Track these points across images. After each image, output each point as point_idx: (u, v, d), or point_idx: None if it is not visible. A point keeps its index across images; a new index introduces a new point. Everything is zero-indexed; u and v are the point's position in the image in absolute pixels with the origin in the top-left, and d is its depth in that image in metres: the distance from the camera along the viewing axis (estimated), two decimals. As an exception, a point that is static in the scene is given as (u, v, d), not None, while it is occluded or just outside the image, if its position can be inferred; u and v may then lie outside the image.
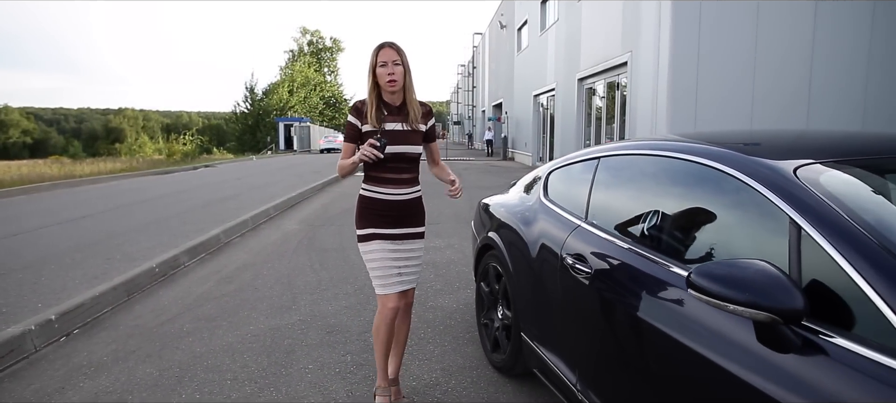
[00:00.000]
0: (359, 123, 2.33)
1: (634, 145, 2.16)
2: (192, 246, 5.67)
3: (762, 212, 1.45)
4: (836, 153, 1.63)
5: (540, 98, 18.43)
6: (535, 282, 2.41)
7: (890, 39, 8.34)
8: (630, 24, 9.84)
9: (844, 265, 1.18)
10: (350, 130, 2.36)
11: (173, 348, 3.33)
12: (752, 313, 1.17)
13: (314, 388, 2.80)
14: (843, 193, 1.35)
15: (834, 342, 1.14)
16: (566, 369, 2.13)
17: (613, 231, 1.97)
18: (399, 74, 2.25)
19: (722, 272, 1.23)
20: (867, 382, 1.04)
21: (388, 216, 2.38)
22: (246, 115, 50.59)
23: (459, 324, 3.66)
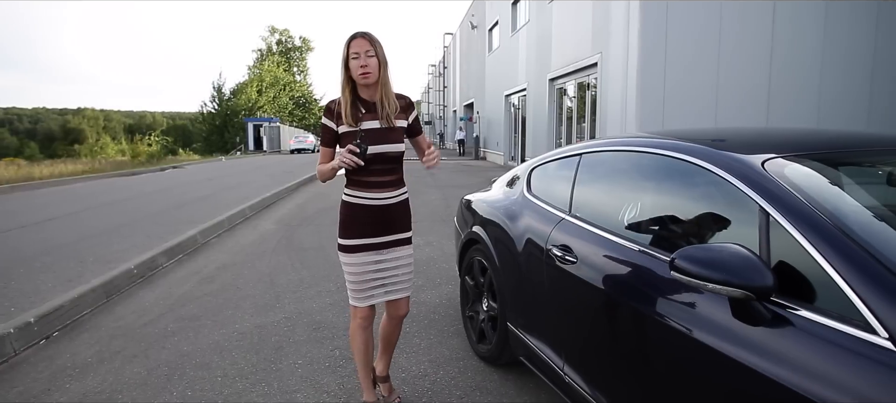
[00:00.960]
0: (334, 125, 2.19)
1: (615, 142, 2.30)
2: (170, 247, 5.62)
3: (734, 201, 1.59)
4: (797, 148, 1.80)
5: (511, 98, 18.66)
6: (521, 273, 2.52)
7: (843, 39, 8.78)
8: (600, 25, 10.10)
9: (808, 247, 1.32)
10: (326, 133, 2.22)
11: (159, 347, 3.33)
12: (728, 290, 1.30)
13: (306, 382, 2.86)
14: (804, 183, 1.50)
15: (799, 314, 1.28)
16: (553, 354, 2.25)
17: (597, 223, 2.10)
18: (373, 65, 2.11)
19: (702, 255, 1.37)
20: (827, 347, 1.19)
21: (375, 223, 2.25)
22: (213, 115, 49.55)
23: (443, 318, 3.76)
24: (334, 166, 2.18)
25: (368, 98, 2.20)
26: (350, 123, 2.15)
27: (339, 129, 2.19)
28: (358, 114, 2.17)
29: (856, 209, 1.45)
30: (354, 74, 2.13)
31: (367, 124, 2.17)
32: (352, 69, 2.13)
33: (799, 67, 8.76)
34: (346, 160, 2.08)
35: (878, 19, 8.80)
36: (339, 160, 2.13)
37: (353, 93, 2.17)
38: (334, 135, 2.21)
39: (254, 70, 55.39)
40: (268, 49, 60.04)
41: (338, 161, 2.14)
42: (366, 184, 2.22)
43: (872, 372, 1.09)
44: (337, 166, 2.16)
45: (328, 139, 2.23)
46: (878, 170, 1.81)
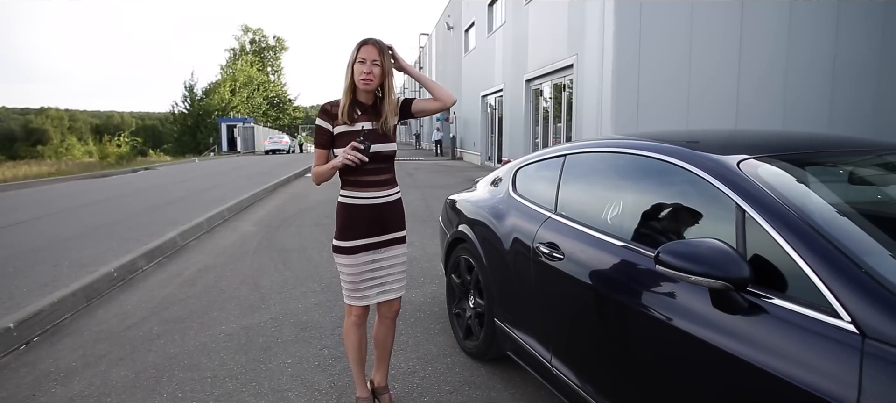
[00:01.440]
0: (330, 127, 2.23)
1: (599, 144, 2.40)
2: (149, 250, 5.55)
3: (712, 199, 1.70)
4: (768, 150, 1.92)
5: (488, 99, 18.82)
6: (509, 270, 2.61)
7: (806, 41, 9.12)
8: (576, 27, 10.29)
9: (780, 241, 1.43)
10: (321, 135, 2.25)
11: (145, 350, 3.32)
12: (709, 282, 1.41)
13: (296, 380, 2.90)
14: (776, 182, 1.62)
15: (773, 303, 1.39)
16: (540, 347, 2.34)
17: (583, 221, 2.20)
18: (376, 74, 2.18)
19: (684, 249, 1.47)
20: (798, 332, 1.30)
21: (372, 223, 2.30)
22: (185, 115, 48.64)
23: (429, 316, 3.83)
24: (336, 163, 2.20)
25: (365, 101, 2.27)
26: (347, 122, 2.21)
27: (334, 129, 2.24)
28: (354, 114, 2.23)
29: (822, 206, 1.57)
30: (356, 77, 2.19)
31: (360, 125, 2.23)
32: (355, 72, 2.19)
33: (765, 68, 9.09)
34: (350, 157, 2.13)
35: (839, 21, 9.17)
36: (342, 158, 2.16)
37: (353, 95, 2.24)
38: (330, 136, 2.25)
39: (227, 70, 54.53)
40: (241, 48, 59.15)
41: (341, 159, 2.17)
42: (362, 184, 2.27)
43: (837, 352, 1.20)
44: (339, 164, 2.19)
45: (324, 141, 2.27)
46: (841, 170, 1.95)
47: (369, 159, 2.18)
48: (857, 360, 1.16)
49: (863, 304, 1.21)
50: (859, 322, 1.20)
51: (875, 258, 1.36)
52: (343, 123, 2.21)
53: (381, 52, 2.19)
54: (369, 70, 2.17)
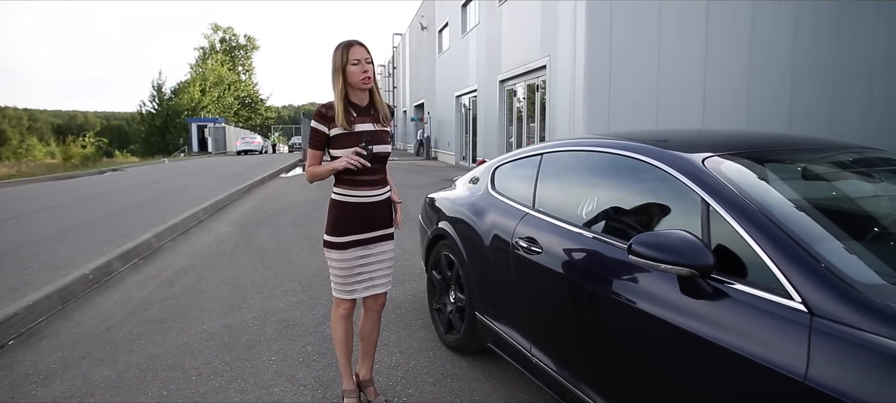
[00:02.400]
0: (326, 129, 2.28)
1: (574, 143, 2.53)
2: (125, 251, 5.49)
3: (679, 194, 1.83)
4: (731, 148, 2.06)
5: (462, 99, 18.96)
6: (489, 265, 2.71)
7: (766, 42, 9.50)
8: (548, 28, 10.49)
9: (740, 231, 1.57)
10: (317, 137, 2.31)
11: (127, 350, 3.32)
12: (678, 270, 1.53)
13: (282, 377, 2.95)
14: (737, 177, 1.76)
15: (734, 288, 1.52)
16: (520, 337, 2.45)
17: (559, 216, 2.32)
18: (372, 71, 2.26)
19: (654, 240, 1.59)
20: (756, 313, 1.43)
21: (362, 221, 2.37)
22: (153, 115, 47.48)
23: (410, 312, 3.91)
24: (338, 166, 2.26)
25: (359, 102, 2.33)
26: (345, 127, 2.26)
27: (331, 132, 2.29)
28: (351, 117, 2.29)
29: (778, 199, 1.72)
30: (355, 80, 2.24)
31: (359, 126, 2.31)
32: (352, 74, 2.23)
33: (729, 69, 9.43)
34: (354, 162, 2.22)
35: (797, 24, 9.57)
36: (345, 162, 2.23)
37: (346, 97, 2.29)
38: (325, 138, 2.31)
39: (196, 69, 53.44)
40: (211, 47, 58.08)
41: (344, 163, 2.24)
42: (357, 183, 2.34)
43: (789, 329, 1.33)
44: (341, 167, 2.25)
45: (319, 143, 2.33)
46: (797, 166, 2.11)
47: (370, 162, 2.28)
48: (806, 336, 1.29)
49: (812, 286, 1.35)
50: (808, 302, 1.34)
51: (825, 245, 1.50)
52: (341, 126, 2.27)
53: (368, 50, 2.27)
54: (366, 69, 2.25)
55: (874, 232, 1.72)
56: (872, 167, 2.16)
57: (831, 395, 1.18)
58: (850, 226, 1.71)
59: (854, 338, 1.22)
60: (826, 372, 1.22)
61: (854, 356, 1.21)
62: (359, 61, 2.23)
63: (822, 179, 2.08)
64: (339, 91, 2.26)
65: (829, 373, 1.22)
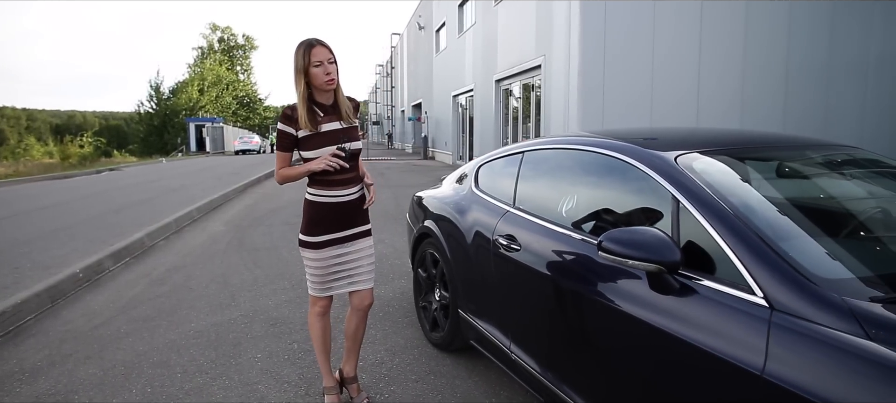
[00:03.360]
0: (293, 131, 2.26)
1: (553, 141, 2.54)
2: (116, 250, 5.50)
3: (653, 191, 1.84)
4: (706, 145, 2.08)
5: (459, 99, 18.97)
6: (471, 263, 2.73)
7: (761, 41, 9.50)
8: (543, 28, 10.50)
9: (707, 228, 1.58)
10: (284, 139, 2.29)
11: (114, 348, 3.33)
12: (645, 265, 1.55)
13: (266, 374, 2.96)
14: (707, 174, 1.77)
15: (702, 284, 1.54)
16: (500, 334, 2.47)
17: (538, 214, 2.33)
18: (335, 71, 2.23)
19: (623, 236, 1.61)
20: (720, 308, 1.44)
21: (338, 219, 2.37)
22: (151, 115, 47.48)
23: (397, 310, 3.92)
24: (314, 168, 2.25)
25: (324, 101, 2.31)
26: (310, 128, 2.25)
27: (298, 133, 2.27)
28: (317, 118, 2.28)
29: (748, 196, 1.73)
30: (319, 82, 2.22)
31: (326, 126, 2.29)
32: (315, 76, 2.21)
33: (723, 67, 9.43)
34: (333, 163, 2.22)
35: (790, 23, 9.59)
36: (323, 163, 2.23)
37: (309, 99, 2.26)
38: (293, 140, 2.30)
39: (195, 69, 53.45)
40: (209, 47, 58.08)
41: (322, 164, 2.23)
42: (330, 182, 2.34)
43: (750, 324, 1.35)
44: (317, 169, 2.24)
45: (287, 145, 2.31)
46: (771, 164, 2.12)
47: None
48: (766, 329, 1.30)
49: (773, 281, 1.37)
50: (769, 297, 1.35)
51: (790, 241, 1.52)
52: (307, 128, 2.26)
53: (330, 50, 2.25)
54: (329, 70, 2.23)
55: (843, 228, 1.73)
56: (846, 165, 2.18)
57: (787, 388, 1.20)
58: (819, 223, 1.72)
59: (810, 332, 1.24)
60: (782, 366, 1.24)
61: (809, 349, 1.22)
62: (321, 63, 2.20)
63: (795, 176, 2.09)
64: (301, 93, 2.24)
65: (785, 366, 1.23)
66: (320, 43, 2.24)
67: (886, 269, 1.51)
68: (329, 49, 2.25)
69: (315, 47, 2.22)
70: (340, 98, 2.34)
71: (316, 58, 2.20)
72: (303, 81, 2.23)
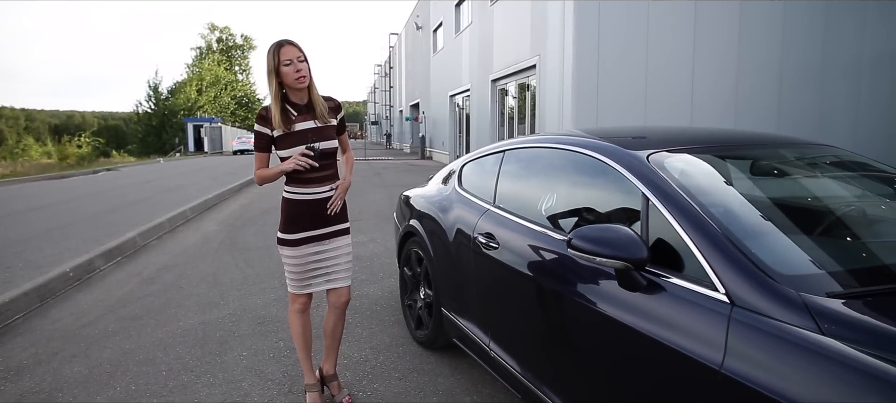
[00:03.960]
0: (269, 131, 2.29)
1: (533, 140, 2.56)
2: (108, 250, 5.51)
3: (625, 189, 1.86)
4: (686, 143, 2.09)
5: (456, 98, 18.99)
6: (453, 261, 2.74)
7: (755, 41, 9.52)
8: (538, 28, 10.52)
9: (675, 225, 1.59)
10: (261, 139, 2.31)
11: (100, 347, 3.35)
12: (612, 263, 1.56)
13: (251, 372, 2.97)
14: (679, 173, 1.79)
15: (669, 281, 1.55)
16: (480, 333, 2.48)
17: (516, 212, 2.35)
18: (306, 69, 2.25)
19: (591, 234, 1.62)
20: (685, 304, 1.46)
21: (315, 217, 2.39)
22: (150, 115, 47.47)
23: (385, 309, 3.94)
24: (285, 168, 2.28)
25: (299, 101, 2.34)
26: (283, 128, 2.27)
27: (274, 133, 2.30)
28: (290, 117, 2.31)
29: (716, 193, 1.75)
30: (289, 80, 2.25)
31: (301, 125, 2.32)
32: (285, 74, 2.24)
33: (717, 68, 9.45)
34: (302, 162, 2.24)
35: (784, 22, 9.60)
36: (293, 163, 2.25)
37: (282, 99, 2.29)
38: (269, 140, 2.32)
39: (193, 69, 53.43)
40: (208, 47, 58.06)
41: (292, 164, 2.25)
42: (306, 180, 2.36)
43: (711, 319, 1.36)
44: (289, 169, 2.27)
45: (263, 145, 2.34)
46: (745, 162, 2.14)
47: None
48: (725, 325, 1.32)
49: (734, 277, 1.38)
50: (730, 293, 1.37)
51: (755, 238, 1.54)
52: (280, 129, 2.28)
53: (300, 49, 2.27)
54: (299, 68, 2.25)
55: (810, 225, 1.75)
56: (819, 164, 2.19)
57: (743, 383, 1.21)
58: (786, 220, 1.74)
59: (766, 327, 1.25)
60: (740, 361, 1.25)
61: (765, 344, 1.24)
62: (291, 61, 2.23)
63: (767, 174, 2.11)
64: (273, 93, 2.26)
65: (742, 362, 1.25)
66: (289, 42, 2.28)
67: (849, 264, 1.53)
68: (299, 48, 2.29)
69: (284, 47, 2.25)
70: (315, 97, 2.36)
71: (285, 57, 2.23)
72: (275, 80, 2.26)
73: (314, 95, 2.36)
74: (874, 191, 2.09)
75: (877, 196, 2.05)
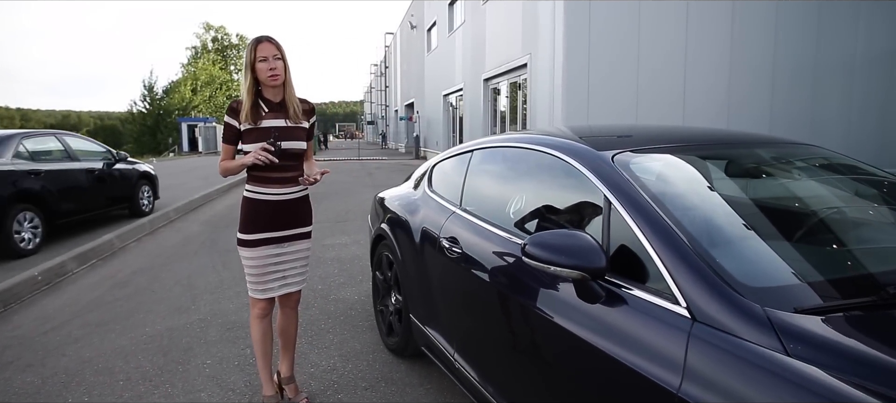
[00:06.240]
0: (237, 123, 2.24)
1: (500, 139, 2.44)
2: (82, 252, 5.37)
3: (589, 191, 1.73)
4: (666, 142, 1.97)
5: (449, 98, 18.86)
6: (420, 266, 2.62)
7: (747, 41, 9.42)
8: (529, 27, 10.40)
9: (636, 231, 1.47)
10: (228, 131, 2.26)
11: (59, 355, 3.21)
12: (567, 272, 1.44)
13: (211, 381, 2.85)
14: (644, 174, 1.67)
15: (631, 293, 1.43)
16: (445, 342, 2.36)
17: (481, 215, 2.22)
18: (280, 68, 2.22)
19: (546, 240, 1.50)
20: (645, 318, 1.33)
21: (275, 218, 2.32)
22: (144, 115, 47.18)
23: (360, 314, 3.81)
24: (245, 162, 2.22)
25: (272, 98, 2.29)
26: (251, 123, 2.22)
27: (242, 126, 2.25)
28: (260, 113, 2.25)
29: (683, 196, 1.63)
30: (263, 77, 2.22)
31: (269, 122, 2.25)
32: (259, 71, 2.21)
33: (709, 67, 9.35)
34: (261, 157, 2.16)
35: (777, 22, 9.51)
36: (253, 157, 2.18)
37: (256, 95, 2.25)
38: (237, 133, 2.27)
39: (188, 68, 53.13)
40: (203, 46, 57.72)
41: (252, 157, 2.18)
42: (268, 180, 2.29)
43: (670, 336, 1.24)
44: (248, 162, 2.20)
45: (231, 137, 2.28)
46: (719, 162, 2.01)
47: (278, 159, 2.22)
48: (685, 342, 1.20)
49: (696, 289, 1.26)
50: (691, 307, 1.25)
51: (721, 247, 1.42)
52: (249, 123, 2.23)
53: (278, 47, 2.25)
54: (274, 66, 2.21)
55: (783, 232, 1.63)
56: (797, 164, 2.07)
57: (701, 408, 1.09)
58: (758, 226, 1.61)
59: (728, 346, 1.13)
60: (698, 384, 1.13)
61: (726, 365, 1.11)
62: (266, 58, 2.20)
63: (741, 176, 1.99)
64: (246, 86, 2.24)
65: (700, 385, 1.12)
66: (268, 39, 2.25)
67: (824, 274, 1.40)
68: (277, 46, 2.26)
69: (262, 43, 2.22)
70: (290, 97, 2.31)
71: (261, 54, 2.21)
72: (250, 75, 2.23)
73: (289, 95, 2.30)
74: (856, 193, 1.97)
75: (859, 199, 1.93)
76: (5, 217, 5.26)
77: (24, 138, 6.08)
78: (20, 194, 5.52)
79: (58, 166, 6.27)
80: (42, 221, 5.75)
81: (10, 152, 5.69)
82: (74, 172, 6.48)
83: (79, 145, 7.04)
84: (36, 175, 5.81)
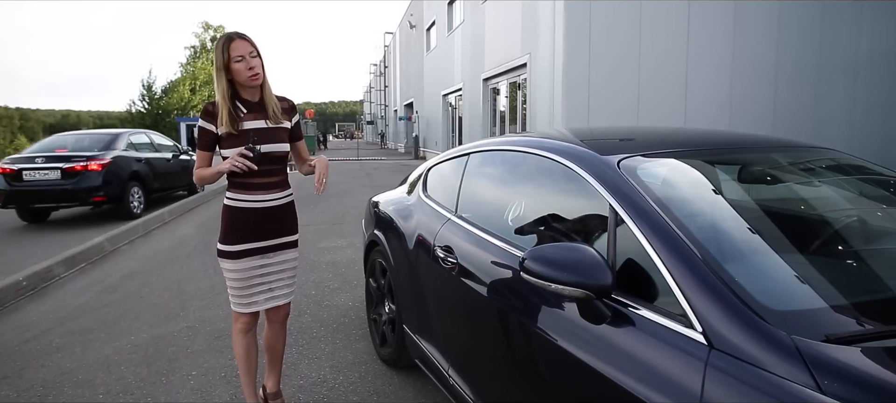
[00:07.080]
0: (214, 128, 2.09)
1: (498, 142, 2.31)
2: (71, 255, 5.24)
3: (593, 199, 1.60)
4: (667, 146, 1.84)
5: (448, 98, 18.73)
6: (413, 275, 2.49)
7: (750, 41, 9.28)
8: (529, 26, 10.27)
9: (645, 245, 1.34)
10: (204, 136, 2.11)
11: (38, 366, 3.08)
12: (569, 290, 1.31)
13: (196, 394, 2.72)
14: (654, 181, 1.54)
15: (639, 313, 1.30)
16: (440, 356, 2.23)
17: (478, 223, 2.09)
18: (258, 65, 2.07)
19: (547, 255, 1.37)
20: (657, 344, 1.20)
21: (258, 227, 2.17)
22: (143, 115, 46.96)
23: (354, 321, 3.68)
24: (222, 169, 2.07)
25: (250, 98, 2.15)
26: (229, 128, 2.07)
27: (219, 130, 2.10)
28: (238, 115, 2.10)
29: (697, 207, 1.50)
30: (242, 78, 2.07)
31: (249, 124, 2.11)
32: (237, 72, 2.06)
33: (711, 67, 9.21)
34: (239, 164, 2.01)
35: (780, 22, 9.37)
36: (230, 164, 2.03)
37: (232, 96, 2.10)
38: (214, 138, 2.12)
39: (187, 68, 52.93)
40: (202, 46, 57.52)
41: (228, 165, 2.03)
42: (250, 186, 2.14)
43: (686, 364, 1.11)
44: (226, 170, 2.06)
45: (207, 143, 2.14)
46: (733, 168, 1.89)
47: (259, 164, 2.07)
48: (701, 371, 1.07)
49: (714, 313, 1.13)
50: (708, 332, 1.12)
51: (739, 263, 1.29)
52: (227, 127, 2.07)
53: (252, 43, 2.10)
54: (252, 65, 2.07)
55: (808, 245, 1.50)
56: (817, 170, 1.94)
57: (721, 451, 0.97)
58: (779, 239, 1.49)
59: (752, 379, 1.00)
60: (718, 421, 1.00)
61: (751, 400, 0.99)
62: (243, 57, 2.05)
63: (758, 183, 1.86)
64: (222, 90, 2.08)
65: (720, 422, 1.00)
66: (240, 36, 2.10)
67: (855, 296, 1.27)
68: (250, 42, 2.10)
69: (234, 41, 2.06)
70: (267, 95, 2.17)
71: (236, 52, 2.04)
72: (224, 78, 2.08)
73: (267, 93, 2.17)
74: (886, 202, 1.84)
75: (890, 209, 1.79)
76: (126, 190, 7.66)
77: (130, 135, 8.56)
78: (133, 174, 7.95)
79: (149, 155, 8.67)
80: (144, 194, 8.19)
81: (123, 143, 8.13)
82: (160, 160, 8.98)
83: (159, 140, 9.65)
84: (139, 161, 8.24)
